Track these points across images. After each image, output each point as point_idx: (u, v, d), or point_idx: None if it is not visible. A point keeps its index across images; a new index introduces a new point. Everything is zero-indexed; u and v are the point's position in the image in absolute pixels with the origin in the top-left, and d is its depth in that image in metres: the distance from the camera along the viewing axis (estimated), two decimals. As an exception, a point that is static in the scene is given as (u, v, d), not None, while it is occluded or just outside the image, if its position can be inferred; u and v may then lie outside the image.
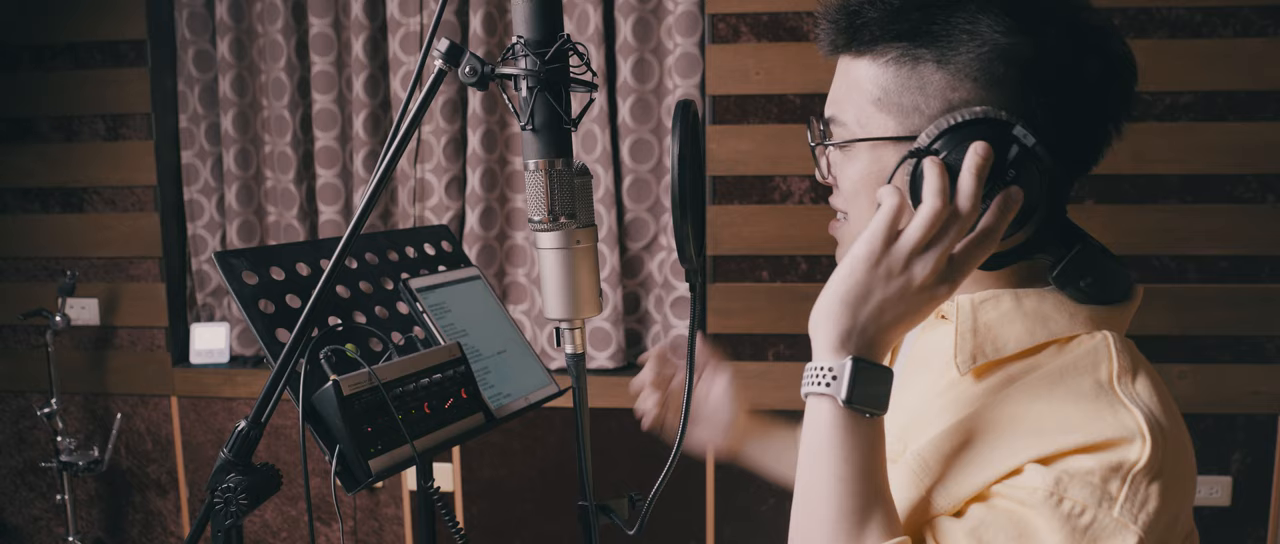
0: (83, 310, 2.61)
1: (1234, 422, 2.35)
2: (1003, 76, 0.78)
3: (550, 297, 0.91)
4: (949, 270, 0.76)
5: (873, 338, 0.77)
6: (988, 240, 0.77)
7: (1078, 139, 0.81)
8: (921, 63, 0.80)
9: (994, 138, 0.76)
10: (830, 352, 0.76)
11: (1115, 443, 0.73)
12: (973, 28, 0.78)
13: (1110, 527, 0.71)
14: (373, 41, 2.47)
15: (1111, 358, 0.79)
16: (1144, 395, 0.76)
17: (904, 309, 0.76)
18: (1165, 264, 2.32)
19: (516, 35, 0.85)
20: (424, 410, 1.08)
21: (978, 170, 0.75)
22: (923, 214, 0.75)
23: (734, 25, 2.31)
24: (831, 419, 0.76)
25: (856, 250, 0.76)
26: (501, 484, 2.56)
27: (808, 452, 0.78)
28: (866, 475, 0.75)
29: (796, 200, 2.35)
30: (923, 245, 0.75)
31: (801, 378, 0.79)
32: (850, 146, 0.86)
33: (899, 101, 0.81)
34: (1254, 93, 2.24)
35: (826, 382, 0.76)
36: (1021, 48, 0.77)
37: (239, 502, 0.92)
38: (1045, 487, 0.72)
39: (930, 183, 0.75)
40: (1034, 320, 0.82)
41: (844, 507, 0.75)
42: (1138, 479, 0.72)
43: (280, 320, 1.07)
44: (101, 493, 2.72)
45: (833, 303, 0.77)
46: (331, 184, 2.54)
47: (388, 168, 0.89)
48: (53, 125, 2.57)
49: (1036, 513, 0.72)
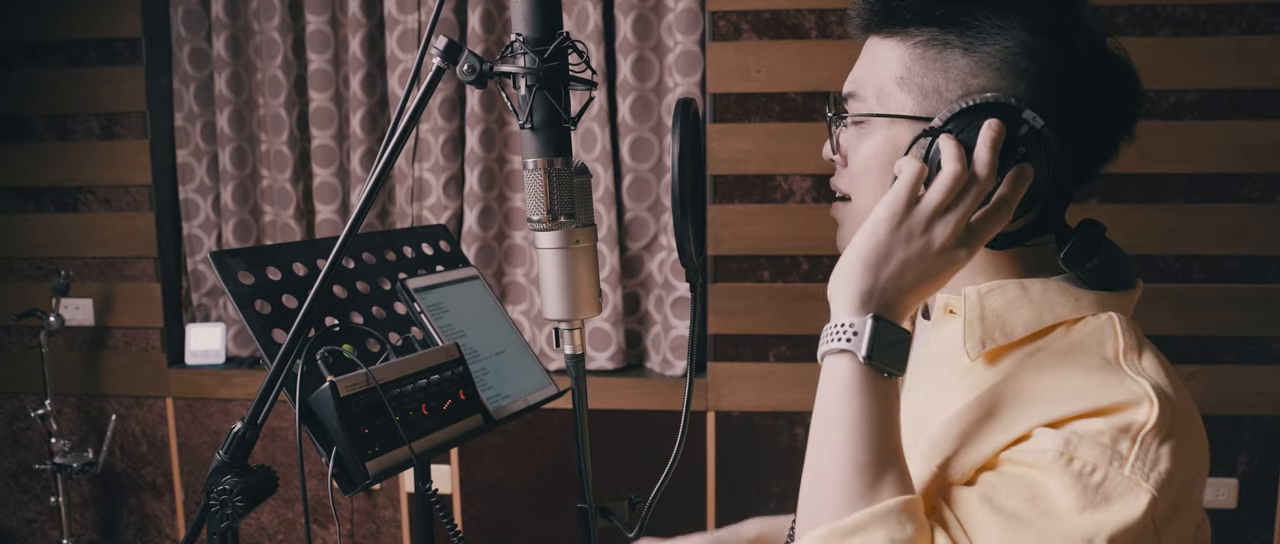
0: (77, 311, 2.60)
1: (1240, 423, 2.34)
2: (1024, 71, 0.82)
3: (549, 297, 0.91)
4: (967, 235, 0.79)
5: (893, 299, 0.78)
6: (1003, 209, 0.79)
7: (1090, 139, 0.85)
8: (949, 48, 0.84)
9: (1005, 119, 0.80)
10: (851, 310, 0.78)
11: (1123, 406, 0.74)
12: (1003, 22, 0.82)
13: (1122, 484, 0.71)
14: (370, 39, 2.46)
15: (1118, 336, 0.81)
16: (1150, 369, 0.78)
17: (924, 270, 0.78)
18: (1170, 264, 2.30)
19: (515, 33, 0.85)
20: (422, 412, 1.08)
21: (992, 142, 0.78)
22: (943, 176, 0.78)
23: (735, 23, 2.30)
24: (850, 375, 0.77)
25: (878, 213, 0.79)
26: (500, 486, 2.54)
27: (824, 409, 0.78)
28: (882, 432, 0.76)
29: (798, 200, 2.34)
30: (943, 207, 0.78)
31: (818, 342, 0.80)
32: (866, 122, 0.89)
33: (921, 82, 0.85)
34: (1260, 91, 2.22)
35: (847, 338, 0.77)
36: (1047, 49, 0.82)
37: (235, 504, 0.92)
38: (1055, 447, 0.73)
39: (948, 151, 0.78)
40: (1041, 305, 0.84)
41: (859, 460, 0.75)
42: (1147, 439, 0.73)
43: (276, 321, 1.07)
44: (96, 495, 2.70)
45: (854, 263, 0.79)
46: (328, 183, 2.52)
47: (385, 167, 0.88)
48: (47, 124, 2.56)
49: (1047, 473, 0.73)
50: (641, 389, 2.45)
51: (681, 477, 2.42)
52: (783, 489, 2.44)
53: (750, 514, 2.35)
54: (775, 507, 2.44)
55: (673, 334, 2.44)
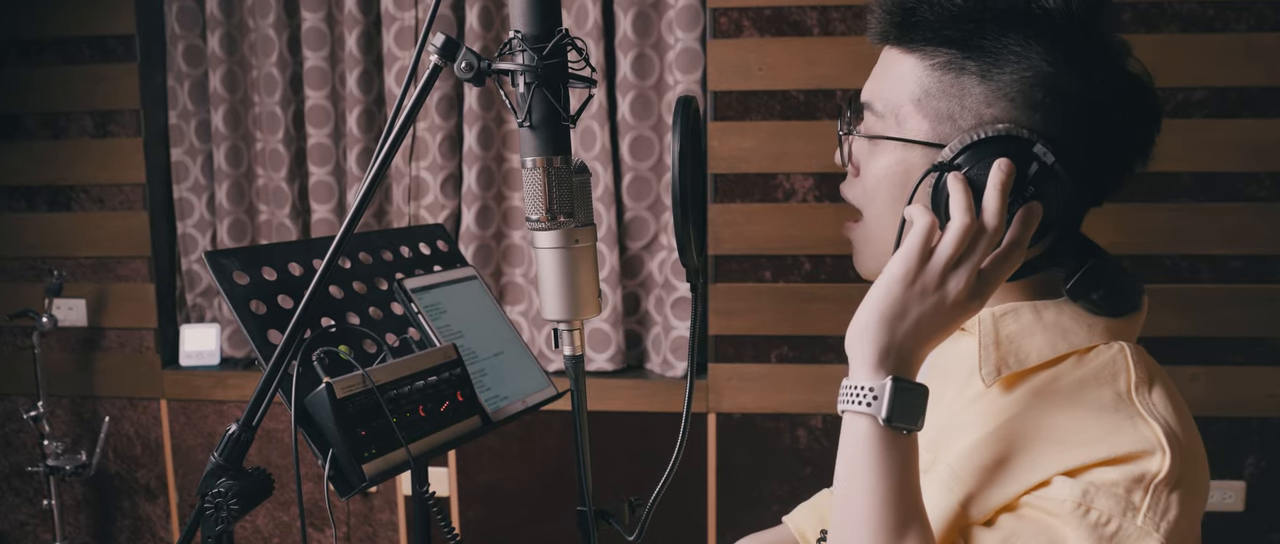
0: (70, 311, 2.59)
1: (1247, 425, 2.32)
2: (1040, 103, 0.81)
3: (548, 297, 0.91)
4: (979, 285, 0.80)
5: (909, 355, 0.80)
6: (1014, 254, 0.80)
7: (1100, 172, 0.85)
8: (966, 73, 0.83)
9: (1015, 155, 0.79)
10: (869, 370, 0.80)
11: (1137, 455, 0.77)
12: (1022, 51, 0.81)
13: (1134, 534, 0.75)
14: (367, 36, 2.44)
15: (1129, 369, 0.83)
16: (1160, 407, 0.80)
17: (937, 324, 0.80)
18: (1177, 264, 2.29)
19: (514, 30, 0.84)
20: (419, 413, 1.07)
21: (1001, 186, 0.78)
22: (952, 230, 0.78)
23: (736, 20, 2.28)
24: (870, 437, 0.79)
25: (892, 270, 0.80)
26: (498, 489, 2.53)
27: (846, 468, 0.81)
28: (903, 491, 0.79)
29: (800, 199, 2.33)
30: (954, 261, 0.79)
31: (838, 392, 0.82)
32: (880, 141, 0.89)
33: (937, 106, 0.84)
34: (1268, 89, 2.20)
35: (867, 402, 0.79)
36: (1064, 81, 0.81)
37: (230, 507, 0.92)
38: (1073, 498, 0.76)
39: (956, 199, 0.78)
40: (1054, 333, 0.86)
41: (882, 522, 0.78)
42: (1159, 489, 0.76)
43: (272, 321, 1.07)
44: (89, 498, 2.69)
45: (871, 321, 0.80)
46: (324, 182, 2.51)
47: (382, 165, 0.88)
48: (39, 122, 2.54)
49: (1065, 523, 0.76)
50: (641, 391, 2.44)
51: (682, 479, 2.41)
52: (785, 491, 2.43)
53: (751, 516, 2.34)
54: (778, 509, 2.41)
55: (673, 335, 2.43)
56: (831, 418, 2.37)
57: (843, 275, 2.31)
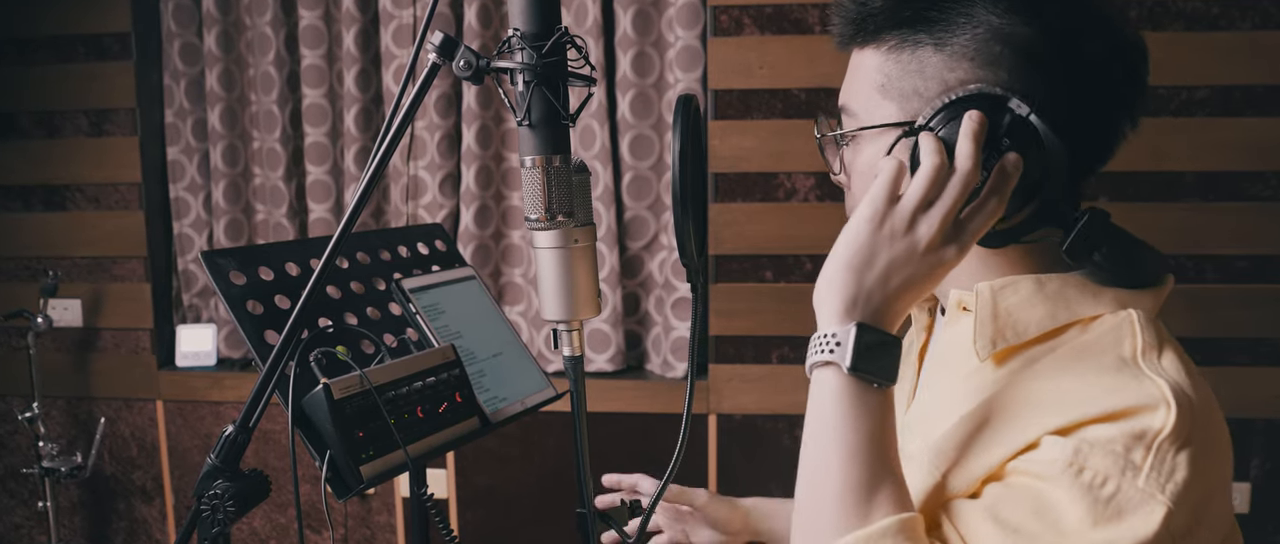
0: (65, 311, 2.57)
1: (1253, 426, 2.31)
2: (1000, 56, 0.79)
3: (547, 297, 0.90)
4: (955, 232, 0.76)
5: (879, 305, 0.75)
6: (992, 202, 0.76)
7: (1085, 125, 0.80)
8: (920, 47, 0.82)
9: (989, 110, 0.77)
10: (835, 319, 0.75)
11: (1137, 410, 0.70)
12: (968, 9, 0.80)
13: (1135, 497, 0.67)
14: (364, 34, 2.43)
15: (1136, 334, 0.77)
16: (1170, 368, 0.74)
17: (911, 272, 0.75)
18: (1182, 264, 2.28)
19: (512, 28, 0.84)
20: (417, 415, 1.07)
21: (974, 134, 0.75)
22: (922, 171, 0.75)
23: (737, 17, 2.27)
24: (836, 388, 0.75)
25: (859, 213, 0.76)
26: (497, 491, 2.52)
27: (812, 425, 0.76)
28: (874, 447, 0.73)
29: (801, 198, 2.32)
30: (925, 202, 0.75)
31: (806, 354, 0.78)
32: (856, 137, 0.88)
33: (900, 87, 0.83)
34: (1272, 87, 2.19)
35: (831, 348, 0.75)
36: (1016, 28, 0.79)
37: (226, 509, 0.92)
38: (1064, 457, 0.69)
39: (926, 145, 0.76)
40: (1056, 302, 0.80)
41: (850, 479, 0.73)
42: (1164, 447, 0.68)
43: (269, 322, 1.07)
44: (85, 500, 2.68)
45: (837, 269, 0.76)
46: (322, 181, 2.50)
47: (380, 165, 0.88)
48: (34, 120, 2.53)
49: (1055, 485, 0.69)
50: (641, 391, 2.42)
51: (682, 481, 2.39)
52: (786, 493, 2.40)
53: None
54: (778, 511, 2.41)
55: (673, 335, 2.41)
56: (833, 419, 2.36)
57: (844, 275, 2.30)
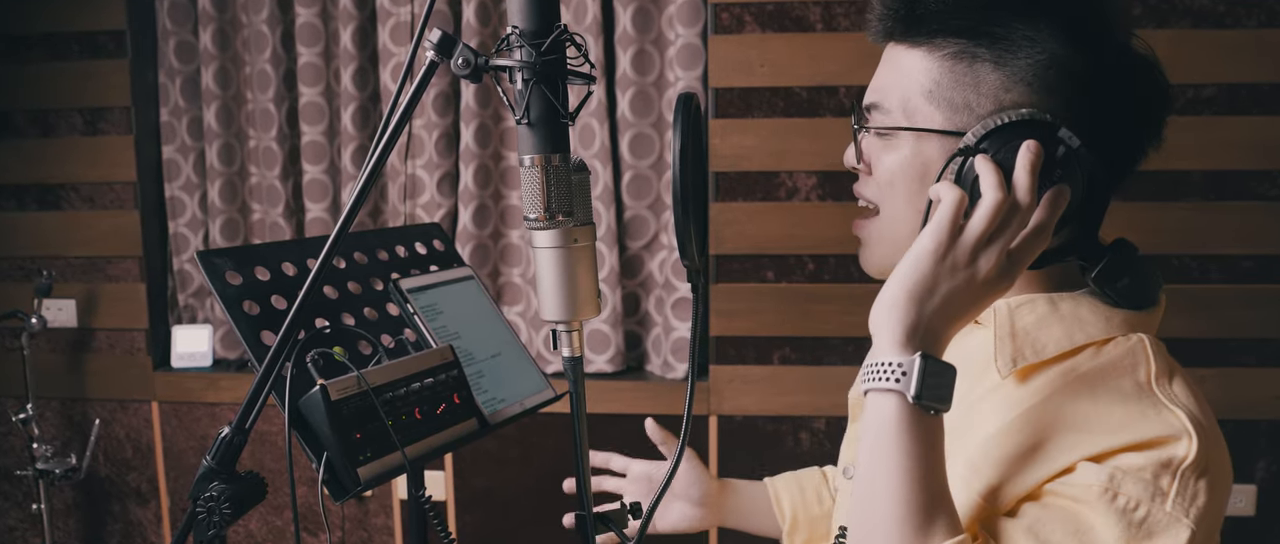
0: (60, 312, 2.56)
1: (1258, 428, 2.29)
2: (1055, 85, 0.82)
3: (547, 298, 0.89)
4: (1009, 265, 0.79)
5: (937, 333, 0.78)
6: (1042, 235, 0.80)
7: (1116, 154, 0.85)
8: (979, 62, 0.84)
9: (1039, 138, 0.80)
10: (896, 347, 0.78)
11: (1164, 440, 0.76)
12: (1033, 35, 0.82)
13: (1164, 520, 0.74)
14: (362, 32, 2.41)
15: (1149, 360, 0.82)
16: (1182, 396, 0.80)
17: (966, 303, 0.79)
18: (1187, 264, 2.26)
19: (511, 25, 0.83)
20: (415, 416, 1.06)
21: (1032, 166, 0.78)
22: (985, 205, 0.78)
23: (738, 15, 2.25)
24: (898, 415, 0.77)
25: (922, 244, 0.78)
26: (496, 493, 2.51)
27: (871, 448, 0.78)
28: (931, 472, 0.77)
29: (803, 198, 2.30)
30: (986, 237, 0.78)
31: (859, 373, 0.80)
32: (893, 135, 0.89)
33: (950, 97, 0.85)
34: (1279, 86, 2.17)
35: (895, 378, 0.77)
36: (1076, 60, 0.82)
37: (222, 511, 0.91)
38: (1099, 483, 0.75)
39: (987, 177, 0.78)
40: (1072, 323, 0.85)
41: (911, 503, 0.76)
42: (1187, 474, 0.75)
43: (265, 322, 1.06)
44: (79, 502, 2.67)
45: (898, 296, 0.78)
46: (319, 180, 2.48)
47: (377, 164, 0.87)
48: (29, 119, 2.52)
49: (1092, 509, 0.75)
50: (641, 392, 2.41)
51: (683, 483, 2.39)
52: (787, 496, 2.40)
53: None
54: (779, 514, 2.40)
55: (674, 336, 2.40)
56: (835, 420, 2.34)
57: (846, 276, 2.28)
